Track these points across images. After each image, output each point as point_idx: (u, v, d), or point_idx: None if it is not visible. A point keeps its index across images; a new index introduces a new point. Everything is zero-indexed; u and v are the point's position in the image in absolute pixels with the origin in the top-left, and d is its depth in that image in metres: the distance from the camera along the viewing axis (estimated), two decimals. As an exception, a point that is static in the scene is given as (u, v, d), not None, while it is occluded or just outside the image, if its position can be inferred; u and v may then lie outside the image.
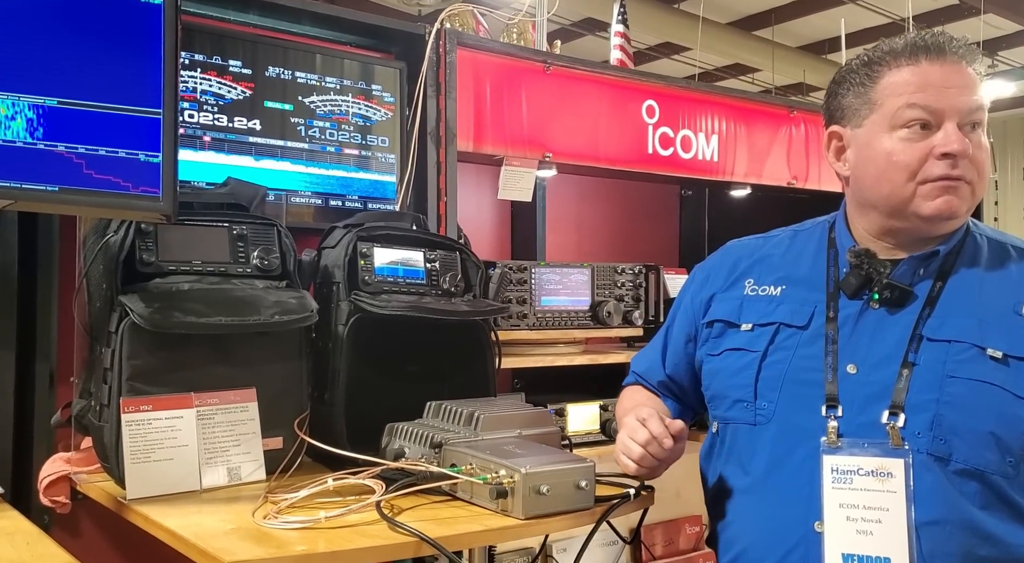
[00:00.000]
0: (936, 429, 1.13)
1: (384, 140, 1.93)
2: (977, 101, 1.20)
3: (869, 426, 1.16)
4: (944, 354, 1.16)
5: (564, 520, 1.23)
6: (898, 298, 1.22)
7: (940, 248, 1.24)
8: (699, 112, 2.46)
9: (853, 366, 1.20)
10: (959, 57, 1.21)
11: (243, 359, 1.43)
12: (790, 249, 1.38)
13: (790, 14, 8.81)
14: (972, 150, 1.19)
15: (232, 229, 1.47)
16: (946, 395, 1.14)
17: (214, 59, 1.71)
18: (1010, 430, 1.12)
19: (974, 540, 1.11)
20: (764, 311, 1.32)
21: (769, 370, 1.27)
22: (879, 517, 1.13)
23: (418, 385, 1.61)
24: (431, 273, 1.65)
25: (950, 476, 1.12)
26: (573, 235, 2.84)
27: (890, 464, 1.13)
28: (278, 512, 1.19)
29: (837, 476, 1.16)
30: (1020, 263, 1.24)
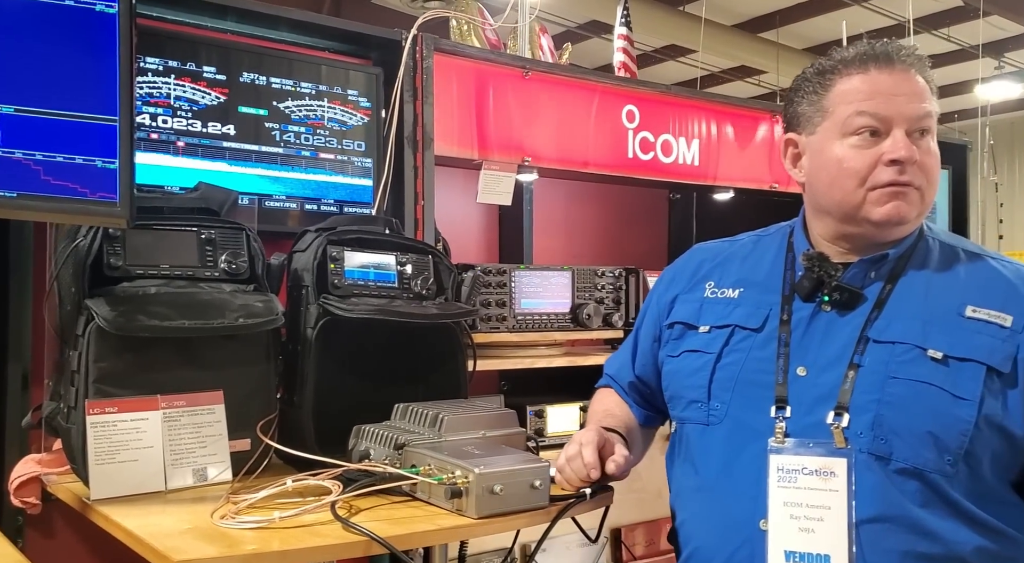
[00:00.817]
0: (877, 429, 1.14)
1: (360, 144, 1.95)
2: (925, 108, 1.22)
3: (815, 426, 1.18)
4: (888, 355, 1.17)
5: (518, 519, 1.24)
6: (848, 301, 1.23)
7: (890, 252, 1.25)
8: (680, 117, 2.47)
9: (803, 368, 1.22)
10: (908, 65, 1.23)
11: (211, 362, 1.45)
12: (752, 253, 1.40)
13: (795, 16, 8.79)
14: (920, 156, 1.21)
15: (201, 233, 1.50)
16: (887, 396, 1.15)
17: (188, 65, 1.73)
18: (947, 430, 1.13)
19: (913, 537, 1.12)
20: (721, 313, 1.34)
21: (723, 371, 1.29)
22: (821, 515, 1.14)
23: (391, 388, 1.63)
24: (403, 277, 1.66)
25: (890, 475, 1.13)
26: (562, 238, 2.86)
27: (833, 463, 1.14)
28: (236, 512, 1.20)
29: (782, 475, 1.17)
30: (968, 265, 1.25)
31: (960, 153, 3.19)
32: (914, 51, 1.25)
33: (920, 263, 1.25)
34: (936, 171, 1.23)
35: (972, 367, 1.14)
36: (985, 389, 1.13)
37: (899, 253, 1.26)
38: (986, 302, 1.18)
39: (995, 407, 1.13)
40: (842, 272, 1.24)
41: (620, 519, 2.28)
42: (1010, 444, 1.15)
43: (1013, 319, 1.17)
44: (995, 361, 1.14)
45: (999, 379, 1.14)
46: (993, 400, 1.14)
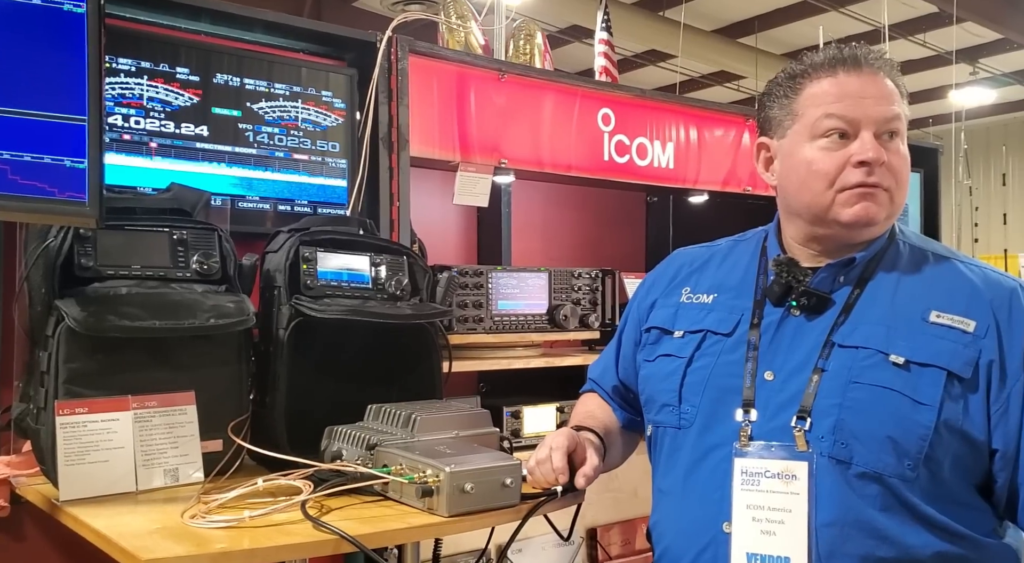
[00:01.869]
0: (837, 433, 1.15)
1: (335, 145, 1.96)
2: (893, 110, 1.23)
3: (780, 430, 1.18)
4: (851, 360, 1.18)
5: (489, 517, 1.25)
6: (816, 305, 1.24)
7: (857, 255, 1.25)
8: (655, 120, 2.49)
9: (771, 372, 1.23)
10: (875, 68, 1.24)
11: (182, 362, 1.45)
12: (727, 258, 1.41)
13: (773, 21, 8.89)
14: (888, 158, 1.21)
15: (172, 234, 1.49)
16: (848, 400, 1.16)
17: (161, 66, 1.73)
18: (907, 434, 1.13)
19: (872, 541, 1.12)
20: (695, 318, 1.35)
21: (693, 375, 1.30)
22: (782, 518, 1.15)
23: (365, 388, 1.63)
24: (377, 278, 1.66)
25: (850, 479, 1.14)
26: (540, 241, 2.87)
27: (795, 467, 1.15)
28: (206, 512, 1.20)
29: (746, 478, 1.18)
30: (936, 269, 1.26)
31: (931, 157, 3.22)
32: (883, 55, 1.26)
33: (889, 267, 1.26)
34: (905, 173, 1.24)
35: (933, 372, 1.15)
36: (945, 394, 1.14)
37: (868, 257, 1.26)
38: (950, 307, 1.19)
39: (955, 412, 1.14)
40: (811, 277, 1.25)
41: (596, 519, 2.29)
42: (972, 448, 1.15)
43: (976, 324, 1.17)
44: (956, 366, 1.15)
45: (960, 384, 1.15)
46: (953, 405, 1.14)
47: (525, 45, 2.71)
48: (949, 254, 1.29)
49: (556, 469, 1.29)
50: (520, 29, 2.72)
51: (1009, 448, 1.15)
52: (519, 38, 2.71)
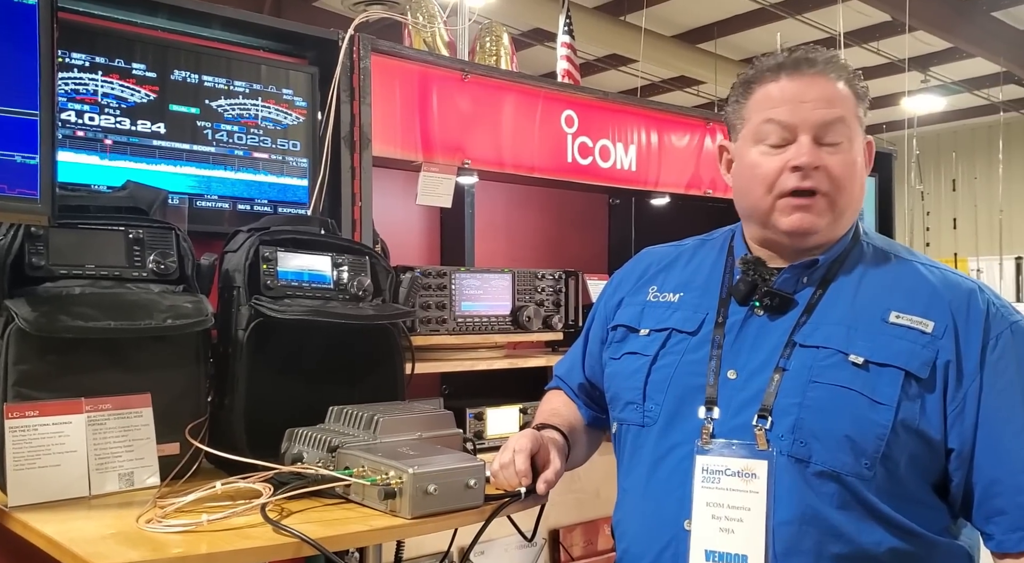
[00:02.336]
0: (796, 432, 1.16)
1: (296, 144, 1.93)
2: (834, 114, 1.22)
3: (741, 428, 1.19)
4: (811, 360, 1.19)
5: (452, 519, 1.24)
6: (779, 305, 1.25)
7: (820, 257, 1.26)
8: (617, 123, 2.50)
9: (733, 371, 1.23)
10: (822, 72, 1.24)
11: (138, 364, 1.42)
12: (694, 257, 1.42)
13: (732, 28, 9.02)
14: (828, 162, 1.21)
15: (128, 233, 1.46)
16: (807, 399, 1.17)
17: (116, 62, 1.69)
18: (864, 434, 1.14)
19: (828, 538, 1.14)
20: (661, 317, 1.36)
21: (658, 373, 1.30)
22: (741, 516, 1.16)
23: (327, 390, 1.61)
24: (339, 278, 1.65)
25: (808, 477, 1.15)
26: (503, 242, 2.87)
27: (754, 465, 1.16)
28: (163, 516, 1.18)
29: (706, 476, 1.19)
30: (897, 270, 1.27)
31: (886, 162, 3.29)
32: (833, 58, 1.26)
33: (851, 268, 1.27)
34: (849, 177, 1.24)
35: (891, 372, 1.16)
36: (903, 394, 1.15)
37: (831, 258, 1.27)
38: (910, 308, 1.20)
39: (912, 412, 1.15)
40: (776, 276, 1.26)
41: (558, 520, 2.29)
42: (928, 448, 1.17)
43: (934, 325, 1.18)
44: (913, 367, 1.16)
45: (917, 384, 1.16)
46: (911, 405, 1.15)
47: (492, 46, 2.71)
48: (911, 256, 1.30)
49: (519, 472, 1.29)
50: (487, 31, 2.72)
51: (964, 448, 1.16)
52: (486, 39, 2.70)
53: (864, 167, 1.28)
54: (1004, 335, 1.18)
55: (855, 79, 1.27)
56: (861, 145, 1.27)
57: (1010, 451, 1.15)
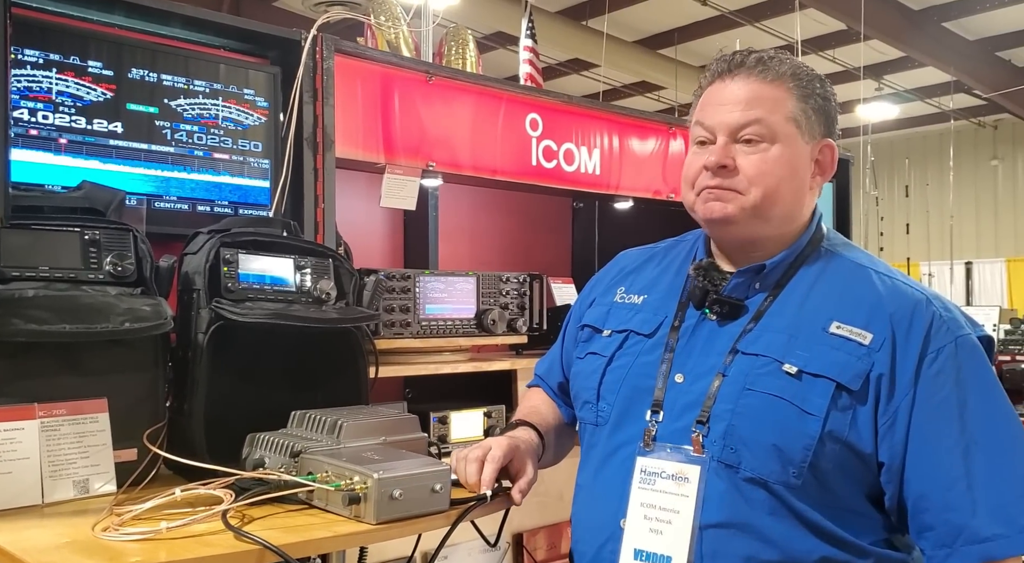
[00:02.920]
0: (727, 438, 1.17)
1: (257, 145, 1.90)
2: (749, 116, 1.22)
3: (681, 432, 1.20)
4: (749, 367, 1.20)
5: (418, 524, 1.23)
6: (730, 312, 1.25)
7: (767, 262, 1.26)
8: (581, 127, 2.52)
9: (681, 375, 1.24)
10: (748, 73, 1.25)
11: (94, 368, 1.39)
12: (664, 259, 1.43)
13: (692, 34, 9.14)
14: (742, 162, 1.23)
15: (84, 234, 1.42)
16: (740, 406, 1.18)
17: (71, 59, 1.65)
18: (792, 443, 1.14)
19: (758, 544, 1.15)
20: (623, 318, 1.37)
21: (612, 374, 1.32)
22: (670, 518, 1.17)
23: (288, 395, 1.59)
24: (301, 281, 1.62)
25: (739, 483, 1.16)
26: (467, 245, 2.86)
27: (688, 469, 1.18)
28: (119, 524, 1.15)
29: (644, 477, 1.21)
30: (849, 278, 1.25)
31: (843, 168, 3.35)
32: (772, 59, 1.25)
33: (804, 274, 1.26)
34: (765, 176, 1.22)
35: (823, 383, 1.15)
36: (832, 405, 1.14)
37: (778, 262, 1.27)
38: (852, 318, 1.19)
39: (841, 423, 1.15)
40: (727, 281, 1.27)
41: (522, 524, 2.29)
42: (859, 459, 1.16)
43: (872, 337, 1.17)
44: (845, 378, 1.15)
45: (849, 396, 1.15)
46: (840, 416, 1.15)
47: (458, 51, 2.70)
48: (868, 263, 1.28)
49: (484, 481, 1.28)
50: (453, 36, 2.71)
51: (895, 462, 1.15)
52: (451, 45, 2.69)
53: (802, 168, 1.25)
54: (946, 349, 1.16)
55: (797, 79, 1.25)
56: (799, 146, 1.24)
57: (939, 466, 1.13)
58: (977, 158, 12.79)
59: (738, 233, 1.27)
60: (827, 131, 1.28)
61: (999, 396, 1.18)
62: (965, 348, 1.17)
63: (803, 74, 1.26)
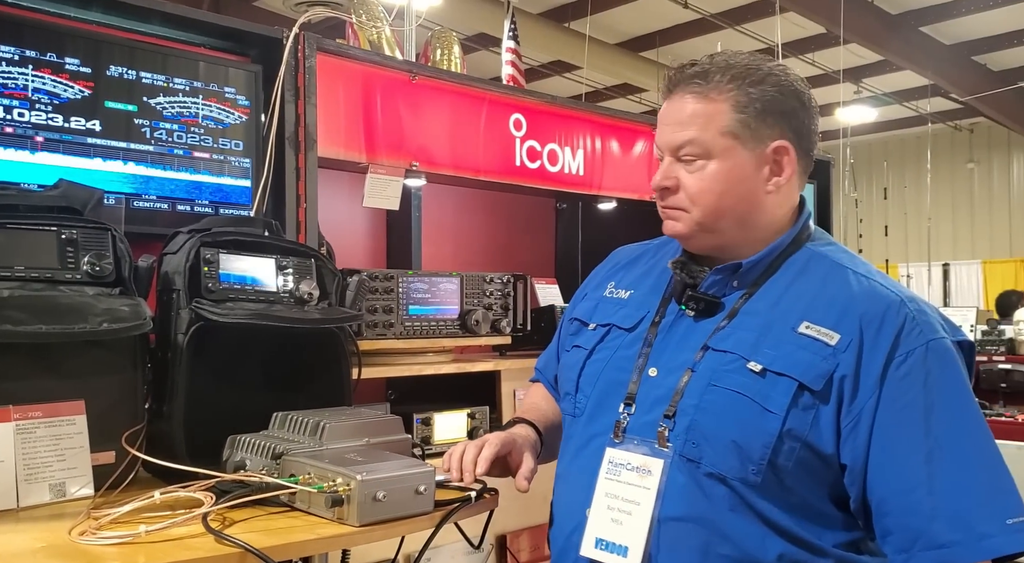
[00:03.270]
0: (690, 433, 1.18)
1: (238, 144, 1.88)
2: (682, 136, 1.23)
3: (649, 426, 1.22)
4: (716, 363, 1.20)
5: (402, 526, 1.22)
6: (706, 308, 1.26)
7: (744, 262, 1.26)
8: (565, 127, 2.51)
9: (655, 369, 1.25)
10: (683, 90, 1.24)
11: (72, 370, 1.36)
12: (655, 256, 1.43)
13: (673, 37, 9.16)
14: (684, 180, 1.24)
15: (61, 233, 1.40)
16: (703, 402, 1.18)
17: (48, 56, 1.62)
18: (751, 440, 1.15)
19: (716, 539, 1.15)
20: (608, 312, 1.39)
21: (591, 367, 1.34)
22: (631, 509, 1.19)
23: (270, 396, 1.57)
24: (283, 281, 1.60)
25: (700, 478, 1.17)
26: (450, 245, 2.85)
27: (651, 463, 1.19)
28: (97, 528, 1.13)
29: (611, 468, 1.23)
30: (827, 277, 1.24)
31: (824, 169, 3.37)
32: (702, 71, 1.23)
33: (783, 273, 1.26)
34: (703, 194, 1.23)
35: (785, 382, 1.15)
36: (793, 404, 1.14)
37: (756, 261, 1.26)
38: (823, 318, 1.18)
39: (803, 422, 1.14)
40: (703, 277, 1.27)
41: (505, 525, 2.28)
42: (820, 460, 1.16)
43: (840, 338, 1.16)
44: (808, 378, 1.15)
45: (812, 396, 1.15)
46: (802, 415, 1.14)
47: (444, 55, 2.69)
48: (848, 263, 1.27)
49: (478, 474, 1.30)
50: (439, 40, 2.70)
51: (857, 464, 1.15)
52: (436, 49, 2.68)
53: (747, 177, 1.23)
54: (916, 352, 1.15)
55: (739, 86, 1.22)
56: (739, 157, 1.23)
57: (900, 470, 1.13)
58: (954, 161, 12.94)
59: (698, 245, 1.29)
60: (780, 131, 1.24)
61: (967, 402, 1.16)
62: (937, 352, 1.16)
63: (749, 77, 1.22)
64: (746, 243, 1.27)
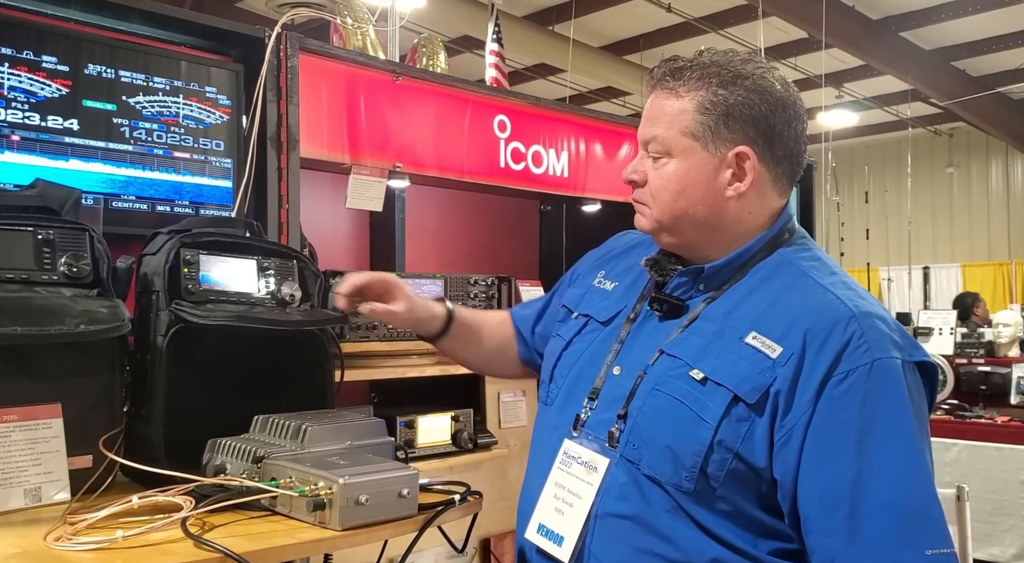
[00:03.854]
0: (631, 435, 1.20)
1: (219, 144, 1.86)
2: (649, 132, 1.25)
3: (603, 423, 1.24)
4: (664, 368, 1.21)
5: (385, 530, 1.21)
6: (670, 310, 1.26)
7: (706, 266, 1.25)
8: (549, 129, 2.51)
9: (619, 368, 1.26)
10: (657, 87, 1.25)
11: (48, 373, 1.34)
12: (647, 250, 1.39)
13: (657, 41, 9.20)
14: (650, 176, 1.25)
15: (37, 233, 1.37)
16: (645, 405, 1.20)
17: (24, 53, 1.59)
18: (684, 447, 1.15)
19: (652, 538, 1.17)
20: (589, 303, 1.40)
21: (566, 359, 1.36)
22: (572, 502, 1.23)
23: (252, 400, 1.55)
24: (265, 282, 1.59)
25: (639, 479, 1.18)
26: (433, 247, 2.84)
27: (598, 460, 1.22)
28: (73, 533, 1.10)
29: (564, 459, 1.26)
30: (787, 287, 1.22)
31: (807, 173, 3.39)
32: (678, 67, 1.23)
33: (748, 280, 1.24)
34: (660, 191, 1.24)
35: (722, 392, 1.15)
36: (726, 415, 1.13)
37: (721, 267, 1.25)
38: (770, 330, 1.16)
39: (735, 434, 1.13)
40: (671, 277, 1.27)
41: (489, 529, 2.27)
42: (752, 471, 1.14)
43: (781, 351, 1.14)
44: (743, 390, 1.14)
45: (747, 408, 1.13)
46: (735, 426, 1.13)
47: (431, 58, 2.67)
48: (813, 272, 1.23)
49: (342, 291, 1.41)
50: (425, 47, 2.68)
51: (787, 479, 1.13)
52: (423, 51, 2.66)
53: (705, 179, 1.22)
54: (858, 371, 1.11)
55: (708, 87, 1.20)
56: (698, 159, 1.21)
57: (825, 489, 1.11)
58: (933, 165, 13.06)
59: (664, 243, 1.30)
60: (745, 136, 1.21)
61: (905, 425, 1.12)
62: (881, 371, 1.12)
63: (720, 78, 1.20)
64: (712, 245, 1.26)
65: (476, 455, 2.23)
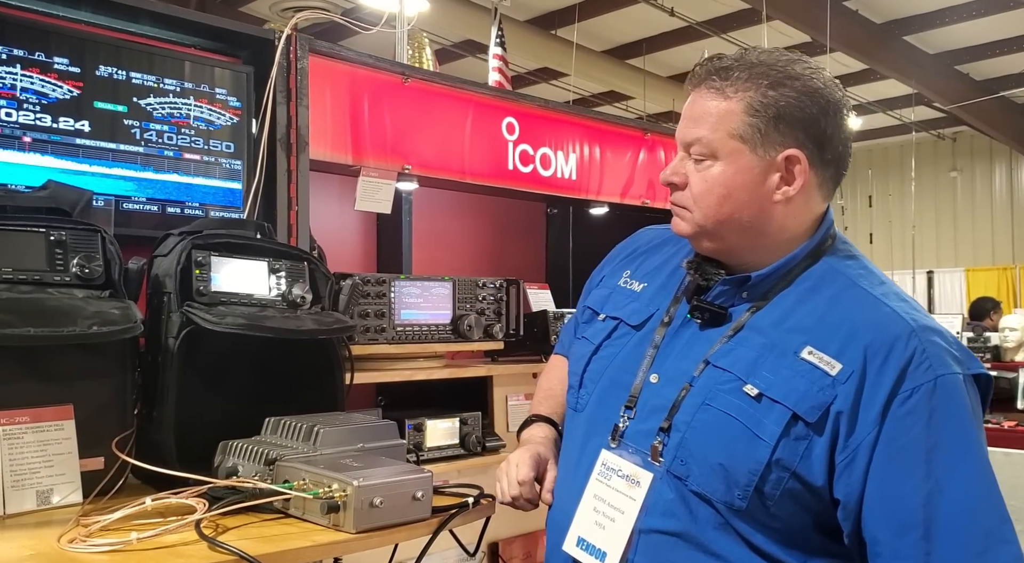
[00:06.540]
0: (680, 450, 1.15)
1: (229, 146, 1.86)
2: (693, 133, 1.19)
3: (644, 435, 1.19)
4: (713, 381, 1.16)
5: (399, 532, 1.20)
6: (712, 319, 1.21)
7: (752, 274, 1.21)
8: (557, 132, 2.51)
9: (656, 375, 1.22)
10: (701, 86, 1.20)
11: (60, 374, 1.34)
12: (676, 245, 1.36)
13: (660, 45, 9.20)
14: (692, 178, 1.20)
15: (50, 235, 1.37)
16: (695, 421, 1.15)
17: (36, 55, 1.59)
18: (738, 465, 1.11)
19: (700, 555, 1.13)
20: (618, 305, 1.34)
21: (596, 363, 1.30)
22: (615, 516, 1.18)
23: (262, 402, 1.54)
24: (276, 284, 1.58)
25: (687, 495, 1.14)
26: (440, 249, 2.83)
27: (641, 474, 1.17)
28: (87, 535, 1.10)
29: (603, 471, 1.21)
30: (838, 298, 1.17)
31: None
32: (724, 66, 1.18)
33: (794, 290, 1.20)
34: (704, 195, 1.19)
35: (780, 410, 1.11)
36: (784, 433, 1.10)
37: (767, 275, 1.20)
38: (826, 345, 1.12)
39: (793, 453, 1.10)
40: (716, 282, 1.22)
41: (498, 532, 2.26)
42: (810, 491, 1.11)
43: (841, 368, 1.10)
44: (802, 409, 1.10)
45: (806, 427, 1.10)
46: (793, 445, 1.10)
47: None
48: (864, 282, 1.20)
49: (530, 500, 1.29)
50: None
51: (851, 500, 1.10)
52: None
53: (752, 183, 1.17)
54: (923, 388, 1.08)
55: (757, 87, 1.16)
56: (746, 162, 1.17)
57: (895, 511, 1.08)
58: (937, 170, 13.05)
59: (703, 248, 1.24)
60: (795, 139, 1.17)
61: (973, 442, 1.10)
62: (945, 388, 1.09)
63: (770, 78, 1.16)
64: (754, 251, 1.21)
65: (484, 458, 2.22)
